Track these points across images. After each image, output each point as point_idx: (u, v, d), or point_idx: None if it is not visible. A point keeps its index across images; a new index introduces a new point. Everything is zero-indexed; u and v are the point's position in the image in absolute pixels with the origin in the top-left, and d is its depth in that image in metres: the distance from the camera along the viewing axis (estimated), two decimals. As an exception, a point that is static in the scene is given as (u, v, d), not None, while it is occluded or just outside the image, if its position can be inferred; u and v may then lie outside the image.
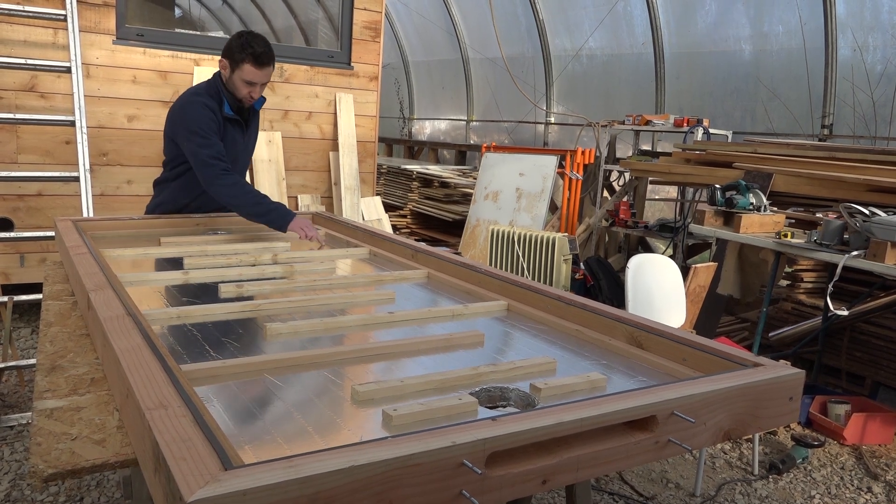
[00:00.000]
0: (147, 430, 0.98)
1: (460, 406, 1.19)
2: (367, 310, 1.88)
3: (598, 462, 1.10)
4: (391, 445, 0.92)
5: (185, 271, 2.12)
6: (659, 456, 1.17)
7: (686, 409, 1.16)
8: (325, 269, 2.31)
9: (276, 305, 1.82)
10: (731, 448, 3.35)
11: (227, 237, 2.75)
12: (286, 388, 1.30)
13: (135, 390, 1.10)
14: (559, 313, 1.78)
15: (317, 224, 3.15)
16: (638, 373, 1.46)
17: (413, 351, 1.54)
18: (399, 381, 1.29)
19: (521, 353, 1.57)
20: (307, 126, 5.35)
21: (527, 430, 1.01)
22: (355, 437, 1.10)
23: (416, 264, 2.37)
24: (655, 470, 3.09)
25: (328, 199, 5.48)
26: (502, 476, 1.00)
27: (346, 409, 1.23)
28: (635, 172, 6.05)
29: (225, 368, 1.34)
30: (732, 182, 3.90)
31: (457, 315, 1.83)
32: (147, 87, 4.72)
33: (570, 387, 1.31)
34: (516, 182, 6.53)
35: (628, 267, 3.11)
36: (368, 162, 5.62)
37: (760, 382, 1.27)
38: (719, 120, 6.69)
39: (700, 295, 3.65)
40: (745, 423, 1.26)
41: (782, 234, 3.42)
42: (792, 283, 4.53)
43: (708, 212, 3.79)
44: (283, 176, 5.21)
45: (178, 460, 0.87)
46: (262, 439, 1.09)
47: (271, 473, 0.83)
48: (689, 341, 1.48)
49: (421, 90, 11.35)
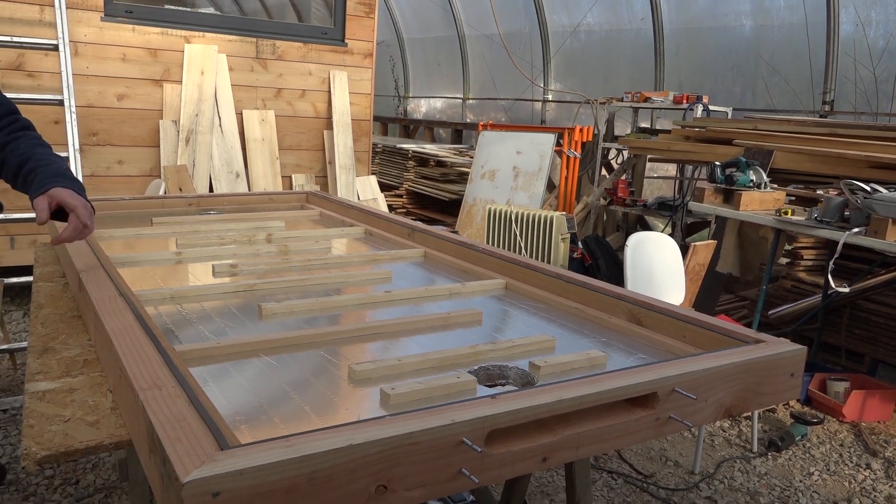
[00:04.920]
0: (141, 411, 0.97)
1: (459, 384, 1.18)
2: (364, 289, 1.88)
3: (599, 439, 1.10)
4: (389, 424, 0.92)
5: (178, 251, 2.10)
6: (660, 433, 1.17)
7: (687, 385, 1.16)
8: (321, 249, 2.30)
9: (271, 285, 1.81)
10: (730, 426, 3.37)
11: (221, 217, 2.73)
12: (282, 368, 1.29)
13: (128, 371, 1.09)
14: (558, 291, 1.78)
15: (312, 203, 3.12)
16: (638, 350, 1.46)
17: (410, 330, 1.53)
18: (397, 360, 1.28)
19: (520, 332, 1.57)
20: (301, 104, 5.31)
21: (526, 408, 1.01)
22: (353, 417, 1.09)
23: (412, 243, 2.36)
24: (654, 448, 3.11)
25: (323, 179, 5.45)
26: (502, 454, 1.00)
27: (343, 388, 1.22)
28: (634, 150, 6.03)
29: (220, 349, 1.34)
30: (732, 159, 3.89)
31: (454, 294, 1.82)
32: (137, 65, 4.67)
33: (570, 364, 1.31)
34: (513, 160, 6.50)
35: (627, 245, 3.10)
36: (363, 141, 5.59)
37: (762, 359, 1.27)
38: (719, 96, 6.66)
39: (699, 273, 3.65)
40: (746, 399, 1.26)
41: (782, 212, 3.41)
42: (792, 261, 4.54)
43: (707, 189, 3.78)
44: (277, 155, 5.18)
45: (172, 441, 0.86)
46: (258, 420, 1.08)
47: (268, 452, 0.83)
48: (690, 318, 1.48)
49: (416, 68, 11.26)
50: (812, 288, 4.30)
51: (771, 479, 2.92)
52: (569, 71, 8.50)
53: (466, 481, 0.96)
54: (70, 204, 1.49)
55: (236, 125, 5.04)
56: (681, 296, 3.24)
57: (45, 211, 1.47)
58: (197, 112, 4.84)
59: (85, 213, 1.50)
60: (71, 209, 1.49)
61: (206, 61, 4.87)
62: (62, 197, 1.50)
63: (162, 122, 4.80)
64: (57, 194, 1.50)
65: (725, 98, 6.66)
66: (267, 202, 3.10)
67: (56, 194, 1.50)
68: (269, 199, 3.14)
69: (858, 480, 2.95)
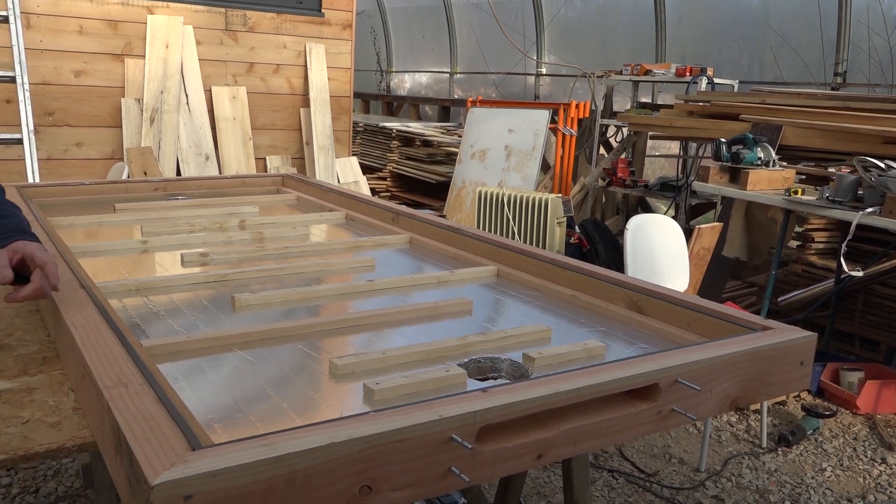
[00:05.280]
0: (106, 411, 0.97)
1: (448, 378, 1.19)
2: (345, 278, 1.87)
3: (598, 434, 1.11)
4: (373, 420, 0.92)
5: (143, 240, 2.10)
6: (662, 426, 1.18)
7: (691, 376, 1.17)
8: (298, 236, 2.29)
9: (245, 275, 1.81)
10: (737, 420, 3.41)
11: (189, 202, 2.72)
12: (258, 363, 1.30)
13: (91, 368, 1.09)
14: (553, 278, 1.78)
15: (288, 187, 3.12)
16: (638, 339, 1.47)
17: (396, 321, 1.53)
18: (381, 354, 1.29)
19: (513, 321, 1.57)
20: (275, 80, 5.28)
21: (520, 402, 1.02)
22: (335, 414, 1.10)
23: (397, 229, 2.37)
24: (657, 445, 3.14)
25: (300, 161, 5.44)
26: (494, 451, 1.01)
27: (324, 384, 1.22)
28: (634, 127, 6.04)
29: (190, 343, 1.34)
30: (739, 135, 3.91)
31: (442, 282, 1.83)
32: (95, 38, 4.62)
33: (566, 356, 1.32)
34: (505, 139, 6.49)
35: (627, 229, 3.11)
36: (343, 119, 5.57)
37: (769, 346, 1.28)
38: (725, 69, 6.67)
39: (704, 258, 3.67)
40: (753, 390, 1.27)
41: (792, 191, 3.44)
42: (802, 244, 4.57)
43: (712, 168, 3.80)
44: (250, 136, 5.15)
45: (140, 441, 0.86)
46: (233, 419, 1.09)
47: (243, 452, 0.83)
48: (694, 305, 1.49)
49: (399, 40, 11.21)
50: (824, 272, 4.34)
51: (781, 476, 2.96)
52: (564, 42, 8.49)
53: (456, 480, 0.97)
54: (39, 259, 1.35)
55: (205, 103, 5.01)
56: (684, 282, 3.27)
57: (8, 268, 1.33)
58: (162, 89, 4.80)
59: (55, 273, 1.38)
60: (40, 265, 1.35)
61: (170, 34, 4.83)
62: (30, 251, 1.35)
63: (124, 100, 4.76)
64: (22, 248, 1.36)
65: (731, 70, 6.69)
66: (239, 186, 3.09)
67: (21, 248, 1.36)
68: (242, 182, 3.13)
69: (873, 476, 2.99)
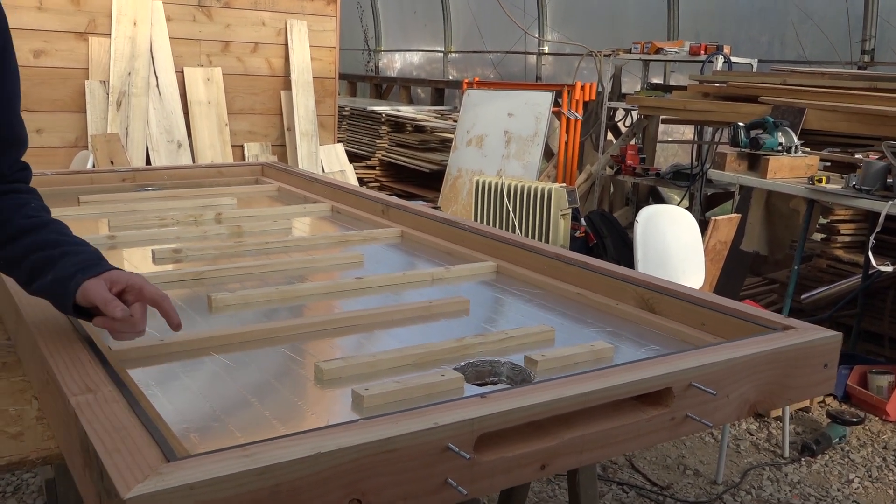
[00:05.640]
0: (73, 420, 0.98)
1: (443, 383, 1.20)
2: (331, 275, 1.88)
3: (605, 443, 1.12)
4: (363, 429, 0.93)
5: (110, 235, 2.10)
6: (675, 434, 1.19)
7: (706, 379, 1.19)
8: (280, 230, 2.30)
9: (222, 272, 1.82)
10: (757, 428, 3.43)
11: (161, 194, 2.72)
12: (237, 368, 1.30)
13: (56, 374, 1.09)
14: (557, 275, 1.79)
15: (268, 177, 3.13)
16: (650, 340, 1.48)
17: (386, 322, 1.54)
18: (371, 357, 1.30)
19: (514, 322, 1.58)
20: (253, 60, 5.27)
21: (521, 408, 1.03)
22: (321, 422, 1.10)
23: (387, 221, 2.37)
24: (671, 455, 3.16)
25: (280, 148, 5.43)
26: (494, 461, 1.02)
27: (309, 390, 1.23)
28: (644, 110, 6.05)
29: (163, 347, 1.34)
30: (758, 119, 3.92)
31: (437, 279, 1.83)
32: (56, 15, 4.61)
33: (572, 358, 1.33)
34: (504, 124, 6.50)
35: (637, 221, 3.13)
36: (328, 102, 5.56)
37: (791, 347, 1.29)
38: (743, 46, 6.68)
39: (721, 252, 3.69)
40: (773, 394, 1.29)
41: (816, 179, 3.45)
42: (827, 237, 4.59)
43: (730, 155, 3.81)
44: (226, 121, 5.15)
45: (111, 452, 0.87)
46: (210, 428, 1.09)
47: (223, 464, 0.84)
48: (709, 303, 1.50)
49: (389, 16, 11.19)
50: (851, 268, 4.36)
51: (805, 488, 2.99)
52: (568, 18, 8.49)
53: (453, 493, 0.97)
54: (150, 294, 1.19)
55: (177, 86, 5.00)
56: (700, 278, 3.28)
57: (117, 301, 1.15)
58: (129, 70, 4.79)
59: (172, 309, 1.20)
60: (151, 301, 1.19)
61: (138, 10, 4.82)
62: (136, 283, 1.19)
63: (88, 82, 4.75)
64: (125, 279, 1.19)
65: (750, 48, 6.70)
66: (215, 176, 3.09)
67: (120, 279, 1.19)
68: (218, 172, 3.14)
69: (904, 487, 3.02)
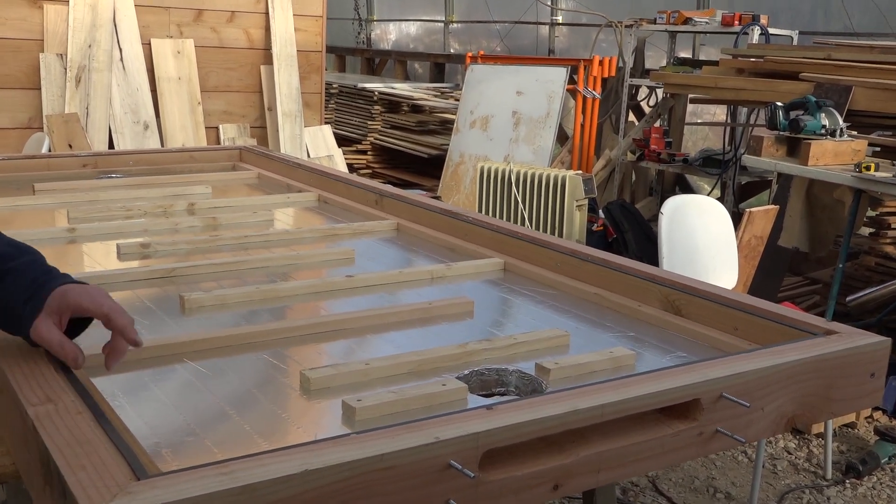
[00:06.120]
0: (31, 434, 0.99)
1: (445, 394, 1.20)
2: (318, 273, 1.89)
3: (625, 461, 1.13)
4: (355, 444, 0.94)
5: (70, 227, 2.10)
6: (703, 451, 1.20)
7: (738, 390, 1.19)
8: (260, 222, 2.31)
9: (195, 270, 1.82)
10: (796, 446, 3.44)
11: (126, 181, 2.73)
12: (214, 377, 1.31)
13: (12, 383, 1.10)
14: (572, 273, 1.80)
15: (247, 163, 3.13)
16: (676, 346, 1.49)
17: (380, 325, 1.55)
18: (363, 364, 1.30)
19: (523, 325, 1.59)
20: (229, 31, 5.26)
21: (532, 422, 1.03)
22: (308, 437, 1.11)
23: (381, 213, 2.38)
24: (699, 476, 3.17)
25: (260, 130, 5.43)
26: (501, 481, 1.02)
27: (294, 401, 1.24)
28: (670, 88, 6.05)
29: (131, 353, 1.34)
30: (799, 98, 3.92)
31: (437, 278, 1.84)
32: (8, -21, 4.60)
33: (588, 366, 1.34)
34: (513, 103, 6.50)
35: (662, 213, 3.13)
36: (313, 79, 5.56)
37: (833, 354, 1.30)
38: (782, 16, 6.68)
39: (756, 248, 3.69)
40: (814, 407, 1.29)
41: (864, 167, 3.45)
42: (876, 231, 4.59)
43: (766, 138, 3.81)
44: (199, 100, 5.15)
45: (75, 469, 0.88)
46: (184, 443, 1.10)
47: (199, 482, 0.85)
48: (743, 304, 1.51)
49: (382, -19, 11.19)
50: (902, 266, 4.36)
51: (848, 513, 2.99)
52: (584, -16, 8.48)
53: (456, 516, 0.98)
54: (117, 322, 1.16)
55: (143, 59, 5.00)
56: (732, 277, 3.29)
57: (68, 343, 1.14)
58: (90, 42, 4.79)
59: (131, 329, 1.17)
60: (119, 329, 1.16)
61: (101, -26, 4.81)
62: (90, 306, 1.15)
63: (43, 56, 4.74)
64: (74, 301, 1.15)
65: (790, 18, 6.69)
66: (187, 161, 3.10)
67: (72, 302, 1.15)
68: (190, 157, 3.14)
69: (960, 512, 3.03)
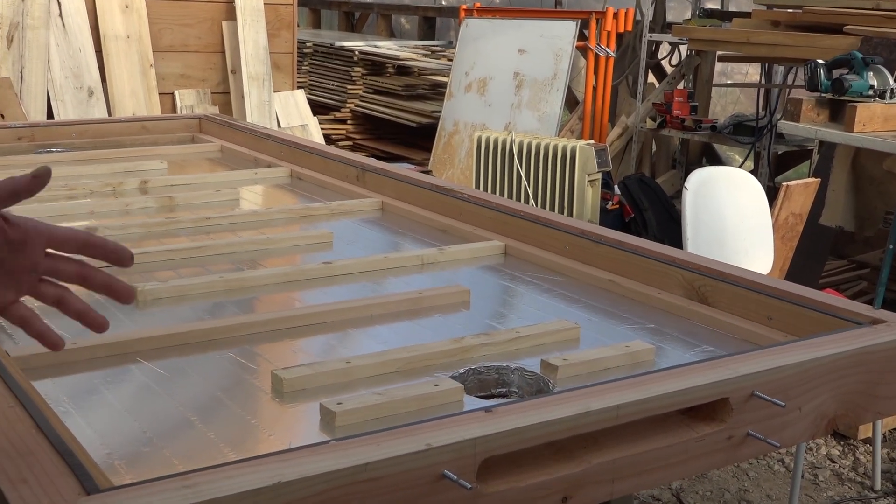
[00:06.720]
0: (-35, 444, 0.99)
1: (438, 395, 1.21)
2: (292, 259, 1.89)
3: (644, 469, 1.13)
4: (334, 452, 0.94)
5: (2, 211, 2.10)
6: (733, 458, 1.21)
7: (772, 388, 1.20)
8: (224, 202, 2.31)
9: (150, 257, 1.82)
10: (840, 453, 3.46)
11: (69, 156, 2.72)
12: (173, 378, 1.32)
13: (-59, 386, 1.11)
14: (583, 257, 1.80)
15: (208, 133, 3.12)
16: (701, 339, 1.49)
17: (363, 318, 1.55)
18: (344, 363, 1.31)
19: (527, 317, 1.59)
20: (185, -19, 5.24)
21: (536, 425, 1.04)
22: (282, 445, 1.12)
23: (363, 190, 2.38)
24: (730, 489, 3.19)
25: (223, 96, 5.42)
26: (503, 492, 1.03)
27: (265, 405, 1.25)
28: (696, 44, 6.04)
29: (77, 353, 1.35)
30: (843, 55, 3.92)
31: (428, 263, 1.84)
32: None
33: (601, 362, 1.34)
34: (514, 63, 6.48)
35: (686, 188, 3.14)
36: (284, 36, 5.54)
37: (882, 347, 1.30)
38: (824, -40, 6.67)
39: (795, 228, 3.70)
40: (859, 406, 1.30)
41: (918, 133, 3.47)
42: (932, 207, 4.61)
43: (806, 101, 3.82)
44: (152, 61, 5.13)
45: (15, 483, 0.88)
46: (141, 454, 1.11)
47: (158, 497, 0.85)
48: (778, 291, 1.52)
49: (362, -78, 11.12)
50: (962, 247, 4.37)
51: (901, 529, 3.02)
52: (596, -76, 8.46)
53: (451, 533, 0.99)
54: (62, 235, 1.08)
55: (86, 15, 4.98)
56: (768, 261, 3.30)
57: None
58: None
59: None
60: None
61: (35, -84, 4.79)
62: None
63: (-30, 12, 4.72)
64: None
65: (833, -38, 6.68)
66: (139, 133, 3.09)
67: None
68: (142, 127, 3.13)
69: None
